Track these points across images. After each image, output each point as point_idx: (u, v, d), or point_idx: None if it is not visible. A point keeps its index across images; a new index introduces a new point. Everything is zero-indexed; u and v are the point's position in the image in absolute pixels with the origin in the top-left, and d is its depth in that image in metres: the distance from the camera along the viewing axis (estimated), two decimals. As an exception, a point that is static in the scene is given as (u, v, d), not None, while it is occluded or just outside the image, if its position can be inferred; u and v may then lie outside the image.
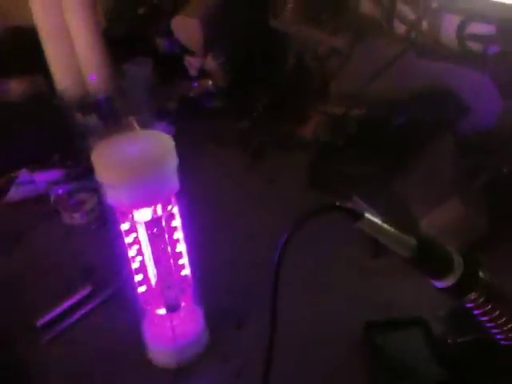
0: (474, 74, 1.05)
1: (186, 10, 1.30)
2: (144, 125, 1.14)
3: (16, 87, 1.29)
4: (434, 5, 1.05)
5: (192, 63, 1.26)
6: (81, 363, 0.77)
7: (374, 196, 0.95)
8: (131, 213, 0.62)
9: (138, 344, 0.76)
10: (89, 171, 1.08)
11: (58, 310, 0.81)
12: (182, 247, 0.67)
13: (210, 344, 0.76)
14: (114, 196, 0.61)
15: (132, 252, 0.66)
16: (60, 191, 1.04)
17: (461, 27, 1.06)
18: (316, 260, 0.90)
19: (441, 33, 1.11)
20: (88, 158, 1.11)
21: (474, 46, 1.06)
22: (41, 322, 0.80)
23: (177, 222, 0.65)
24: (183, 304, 0.71)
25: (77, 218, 1.02)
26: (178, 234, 0.66)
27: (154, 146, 0.61)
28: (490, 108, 1.04)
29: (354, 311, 0.79)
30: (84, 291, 0.84)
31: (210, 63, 1.27)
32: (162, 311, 0.70)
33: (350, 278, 0.86)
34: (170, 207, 0.63)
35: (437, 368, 0.71)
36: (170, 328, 0.71)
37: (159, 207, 0.62)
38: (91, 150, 1.12)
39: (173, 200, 0.63)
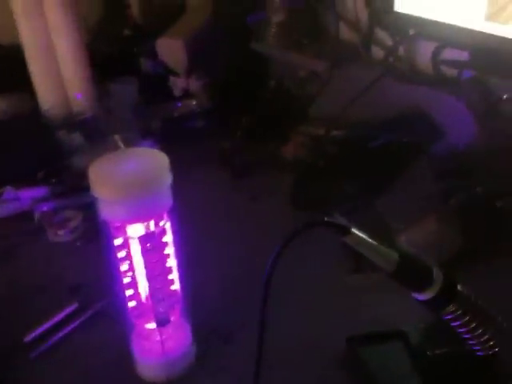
0: (449, 98, 1.10)
1: (171, 31, 1.34)
2: (129, 143, 1.16)
3: (1, 104, 1.30)
4: (411, 31, 1.10)
5: (176, 83, 1.29)
6: (68, 379, 0.78)
7: (355, 214, 0.98)
8: (125, 228, 0.64)
9: (126, 359, 0.78)
10: (74, 189, 1.11)
11: (45, 326, 0.82)
12: (172, 262, 0.69)
13: (199, 358, 0.78)
14: (108, 211, 0.63)
15: (124, 267, 0.67)
16: (45, 208, 1.05)
17: (435, 53, 1.11)
18: (299, 277, 0.92)
19: (417, 58, 1.17)
20: (73, 176, 1.14)
21: (449, 72, 1.12)
22: (28, 338, 0.80)
23: (168, 237, 0.67)
24: (172, 318, 0.72)
25: (62, 236, 1.02)
26: (169, 250, 0.68)
27: (149, 162, 0.63)
28: (465, 131, 1.09)
29: (338, 327, 0.82)
30: (71, 308, 0.85)
31: (194, 84, 1.30)
32: (152, 325, 0.72)
33: (333, 294, 0.89)
34: (162, 223, 0.65)
35: (417, 381, 0.74)
36: (160, 342, 0.72)
37: (152, 223, 0.64)
38: (77, 167, 1.15)
39: (165, 216, 0.66)
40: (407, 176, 1.09)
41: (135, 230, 0.64)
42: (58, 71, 1.29)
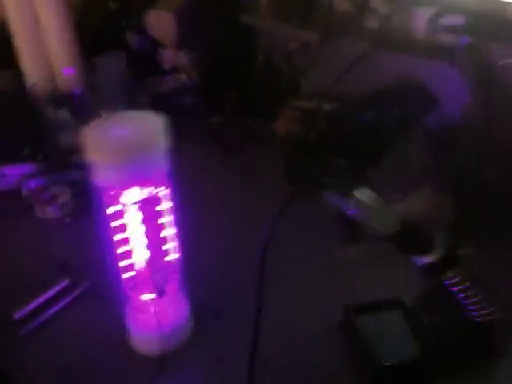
0: (444, 67, 1.08)
1: (160, 4, 1.30)
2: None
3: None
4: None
5: (166, 56, 1.26)
6: (61, 356, 0.75)
7: (349, 186, 0.97)
8: (120, 195, 0.61)
9: (119, 333, 0.76)
10: (61, 165, 1.08)
11: (36, 302, 0.79)
12: (170, 231, 0.67)
13: (194, 332, 0.76)
14: (103, 176, 0.60)
15: (119, 236, 0.65)
16: (32, 185, 1.02)
17: (432, 20, 1.09)
18: (294, 251, 0.91)
19: (410, 27, 1.14)
20: (60, 152, 1.11)
21: (444, 40, 1.10)
22: (18, 314, 0.78)
23: (166, 204, 0.65)
24: (168, 290, 0.71)
25: (50, 212, 1.00)
26: (167, 218, 0.66)
27: (144, 125, 0.61)
28: (459, 101, 1.07)
29: (334, 298, 0.81)
30: (61, 284, 0.83)
31: (183, 58, 1.27)
32: (147, 297, 0.70)
33: (328, 267, 0.88)
34: (159, 189, 0.63)
35: (414, 347, 0.73)
36: (155, 314, 0.71)
37: (148, 190, 0.62)
38: (64, 144, 1.12)
39: (163, 181, 0.63)
40: (401, 148, 1.08)
41: (131, 197, 0.62)
42: (44, 46, 1.25)
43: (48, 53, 1.26)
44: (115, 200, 0.62)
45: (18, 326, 0.77)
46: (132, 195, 0.62)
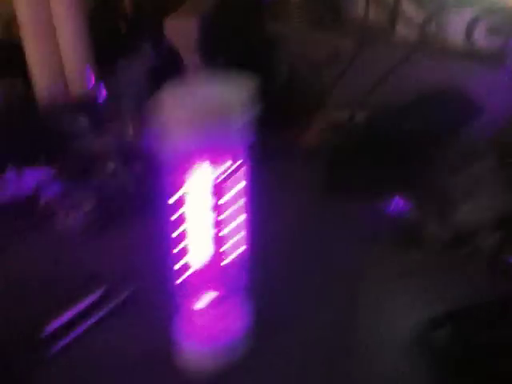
0: (487, 72, 1.03)
1: (182, 9, 1.24)
2: (137, 125, 1.06)
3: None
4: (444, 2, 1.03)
5: (191, 61, 1.19)
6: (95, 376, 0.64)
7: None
8: (189, 174, 0.52)
9: (165, 349, 0.65)
10: (82, 171, 0.98)
11: (68, 316, 0.68)
12: (240, 220, 0.57)
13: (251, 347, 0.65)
14: (176, 146, 0.51)
15: (182, 228, 0.55)
16: (51, 192, 0.91)
17: (471, 24, 1.05)
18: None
19: (448, 32, 1.10)
20: (80, 158, 1.01)
21: (484, 44, 1.05)
22: (46, 332, 0.66)
23: (240, 187, 0.55)
24: (229, 295, 0.60)
25: (72, 221, 0.89)
26: (240, 203, 0.56)
27: (229, 87, 0.52)
28: (506, 107, 1.02)
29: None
30: (95, 295, 0.72)
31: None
32: (206, 302, 0.59)
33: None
34: (235, 166, 0.53)
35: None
36: (213, 323, 0.60)
37: (224, 167, 0.52)
38: (83, 151, 1.03)
39: (240, 157, 0.54)
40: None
41: (203, 177, 0.53)
42: (57, 51, 1.17)
43: (61, 59, 1.18)
44: (183, 182, 0.53)
45: (46, 345, 0.66)
46: (204, 174, 0.52)
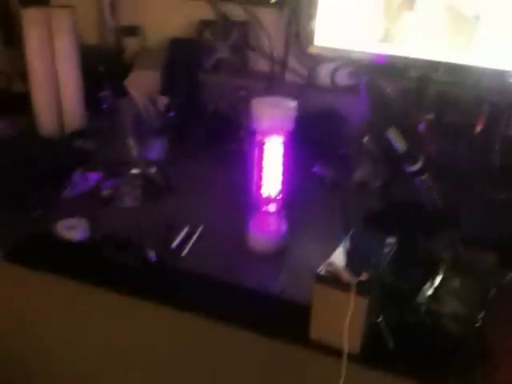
0: (348, 99, 1.74)
1: (138, 65, 1.74)
2: (141, 145, 1.52)
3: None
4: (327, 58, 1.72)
5: (161, 101, 1.68)
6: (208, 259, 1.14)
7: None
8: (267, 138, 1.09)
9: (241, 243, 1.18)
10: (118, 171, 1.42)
11: (178, 240, 1.16)
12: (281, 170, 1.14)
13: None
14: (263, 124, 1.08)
15: (265, 168, 1.09)
16: (107, 185, 1.34)
17: (334, 71, 1.76)
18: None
19: (322, 77, 1.80)
20: (113, 164, 1.44)
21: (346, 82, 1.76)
22: (173, 246, 1.14)
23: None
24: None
25: (129, 202, 1.33)
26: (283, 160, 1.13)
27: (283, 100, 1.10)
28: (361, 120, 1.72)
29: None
30: (184, 230, 1.20)
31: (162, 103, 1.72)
32: (271, 208, 1.15)
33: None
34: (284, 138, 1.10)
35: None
36: (274, 222, 1.14)
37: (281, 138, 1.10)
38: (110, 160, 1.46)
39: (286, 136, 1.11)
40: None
41: (274, 142, 1.09)
42: (59, 95, 1.58)
43: (61, 102, 1.59)
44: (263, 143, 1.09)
45: (177, 251, 1.14)
46: (274, 140, 1.09)
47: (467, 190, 1.34)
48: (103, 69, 1.76)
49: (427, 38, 1.58)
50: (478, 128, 1.50)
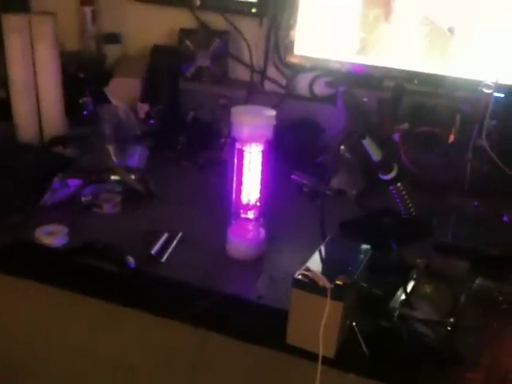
0: (329, 107, 1.77)
1: (119, 72, 1.75)
2: (121, 152, 1.53)
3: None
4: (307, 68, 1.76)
5: (141, 108, 1.69)
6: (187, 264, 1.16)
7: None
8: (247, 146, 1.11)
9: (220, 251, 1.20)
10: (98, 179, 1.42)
11: (159, 245, 1.17)
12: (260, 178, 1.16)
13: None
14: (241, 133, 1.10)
15: (245, 175, 1.12)
16: (88, 192, 1.35)
17: (312, 81, 1.79)
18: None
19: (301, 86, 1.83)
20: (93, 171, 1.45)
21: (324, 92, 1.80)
22: (152, 252, 1.15)
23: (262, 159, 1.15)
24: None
25: (108, 209, 1.34)
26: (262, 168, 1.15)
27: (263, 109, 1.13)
28: (339, 127, 1.76)
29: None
30: (164, 236, 1.21)
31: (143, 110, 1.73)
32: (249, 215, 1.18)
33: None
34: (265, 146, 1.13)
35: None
36: (252, 228, 1.16)
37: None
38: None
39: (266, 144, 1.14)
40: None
41: (254, 148, 1.11)
42: (38, 99, 1.58)
43: (39, 105, 1.60)
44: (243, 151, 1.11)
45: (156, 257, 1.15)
46: (254, 147, 1.11)
47: (440, 199, 1.39)
48: (84, 76, 1.77)
49: (403, 49, 1.62)
50: (452, 138, 1.55)
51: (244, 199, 1.17)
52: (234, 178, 1.16)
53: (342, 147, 1.56)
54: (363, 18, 1.64)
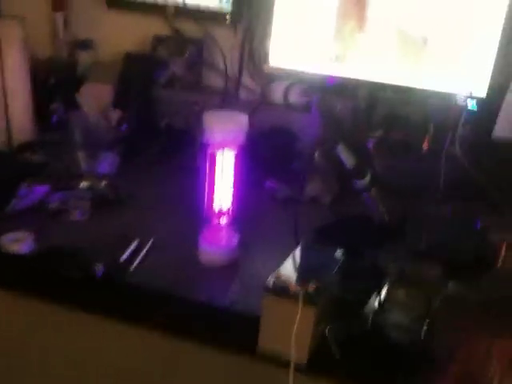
0: (304, 115, 1.77)
1: (94, 78, 1.72)
2: (90, 159, 1.50)
3: None
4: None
5: (113, 114, 1.66)
6: (157, 272, 1.13)
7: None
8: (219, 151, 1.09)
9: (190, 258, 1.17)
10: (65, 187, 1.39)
11: (128, 252, 1.14)
12: (232, 183, 1.14)
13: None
14: (214, 138, 1.08)
15: (217, 181, 1.10)
16: (56, 198, 1.31)
17: (286, 89, 1.79)
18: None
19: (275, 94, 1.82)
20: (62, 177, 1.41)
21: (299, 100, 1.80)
22: (121, 259, 1.12)
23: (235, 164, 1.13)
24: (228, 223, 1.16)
25: (77, 216, 1.30)
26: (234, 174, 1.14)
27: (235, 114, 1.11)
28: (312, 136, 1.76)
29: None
30: (135, 242, 1.18)
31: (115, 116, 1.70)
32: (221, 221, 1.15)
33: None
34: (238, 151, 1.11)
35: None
36: (224, 234, 1.14)
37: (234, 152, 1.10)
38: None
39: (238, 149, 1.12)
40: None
41: (226, 154, 1.09)
42: (6, 105, 1.54)
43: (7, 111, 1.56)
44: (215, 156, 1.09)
45: (125, 264, 1.12)
46: (226, 153, 1.09)
47: (413, 205, 1.39)
48: (55, 82, 1.74)
49: (376, 59, 1.63)
50: (424, 146, 1.57)
51: (216, 205, 1.16)
52: (206, 184, 1.14)
53: (317, 154, 1.56)
54: (338, 27, 1.65)
